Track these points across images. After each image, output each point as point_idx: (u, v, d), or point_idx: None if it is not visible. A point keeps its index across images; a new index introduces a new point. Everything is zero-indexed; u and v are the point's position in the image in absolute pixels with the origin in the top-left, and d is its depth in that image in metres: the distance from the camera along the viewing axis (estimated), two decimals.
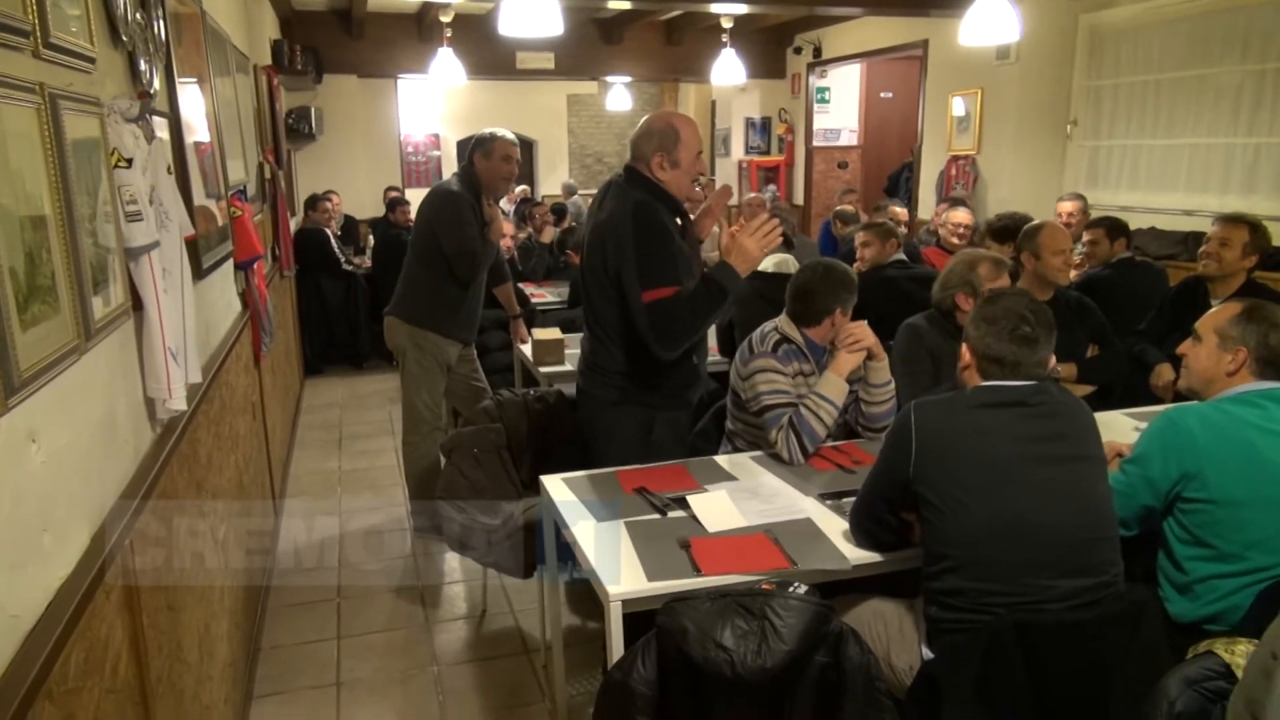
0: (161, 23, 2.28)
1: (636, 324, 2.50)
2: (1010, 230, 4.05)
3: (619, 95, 10.87)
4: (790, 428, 2.53)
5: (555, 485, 2.45)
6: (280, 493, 4.28)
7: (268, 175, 4.93)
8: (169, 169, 2.11)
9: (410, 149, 11.07)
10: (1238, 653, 1.49)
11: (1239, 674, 1.46)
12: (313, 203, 7.12)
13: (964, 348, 2.00)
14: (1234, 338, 2.05)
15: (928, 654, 1.91)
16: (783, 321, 2.72)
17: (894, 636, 2.01)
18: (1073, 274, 3.89)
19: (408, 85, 9.80)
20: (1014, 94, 6.28)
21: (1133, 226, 4.85)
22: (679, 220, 2.64)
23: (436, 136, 11.39)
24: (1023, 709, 1.71)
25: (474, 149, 3.72)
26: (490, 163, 3.67)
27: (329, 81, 8.14)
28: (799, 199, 9.17)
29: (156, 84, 2.17)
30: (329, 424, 5.74)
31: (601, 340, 2.67)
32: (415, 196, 5.91)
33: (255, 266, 3.46)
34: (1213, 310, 2.17)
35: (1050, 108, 6.13)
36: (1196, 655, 1.54)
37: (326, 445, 5.31)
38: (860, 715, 1.66)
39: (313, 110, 7.82)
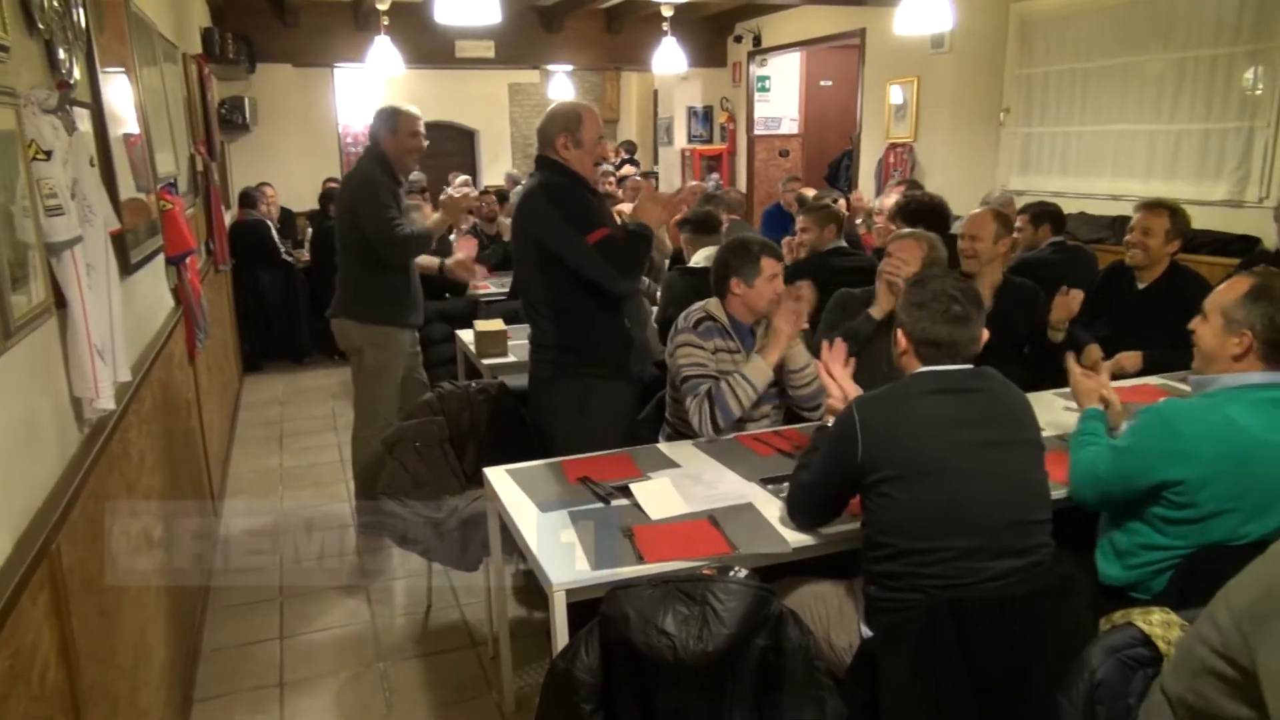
0: (81, 10, 2.21)
1: (588, 269, 2.64)
2: (921, 212, 4.12)
3: (561, 84, 10.78)
4: (706, 398, 2.61)
5: (498, 477, 2.45)
6: (219, 492, 4.19)
7: (200, 167, 4.80)
8: (92, 161, 2.05)
9: (350, 139, 10.86)
10: (1154, 622, 1.54)
11: (1156, 642, 1.52)
12: (248, 196, 6.97)
13: (899, 334, 2.02)
14: (1239, 320, 1.94)
15: (867, 632, 1.96)
16: (710, 301, 2.80)
17: (834, 617, 2.05)
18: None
19: (345, 75, 9.62)
20: (949, 82, 6.39)
21: (1065, 211, 4.98)
22: (594, 197, 2.80)
23: None
24: (958, 682, 1.76)
25: (379, 126, 3.62)
26: (397, 139, 3.58)
27: (263, 71, 7.96)
28: (742, 187, 9.23)
29: (77, 74, 2.10)
30: (269, 421, 5.64)
31: (534, 318, 2.82)
32: None
33: (188, 261, 3.38)
34: (1220, 287, 2.05)
35: (984, 96, 6.26)
36: (1115, 626, 1.59)
37: (267, 443, 5.22)
38: (800, 695, 1.69)
39: (246, 100, 7.64)
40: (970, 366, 1.94)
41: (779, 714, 1.70)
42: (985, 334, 1.99)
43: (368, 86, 10.76)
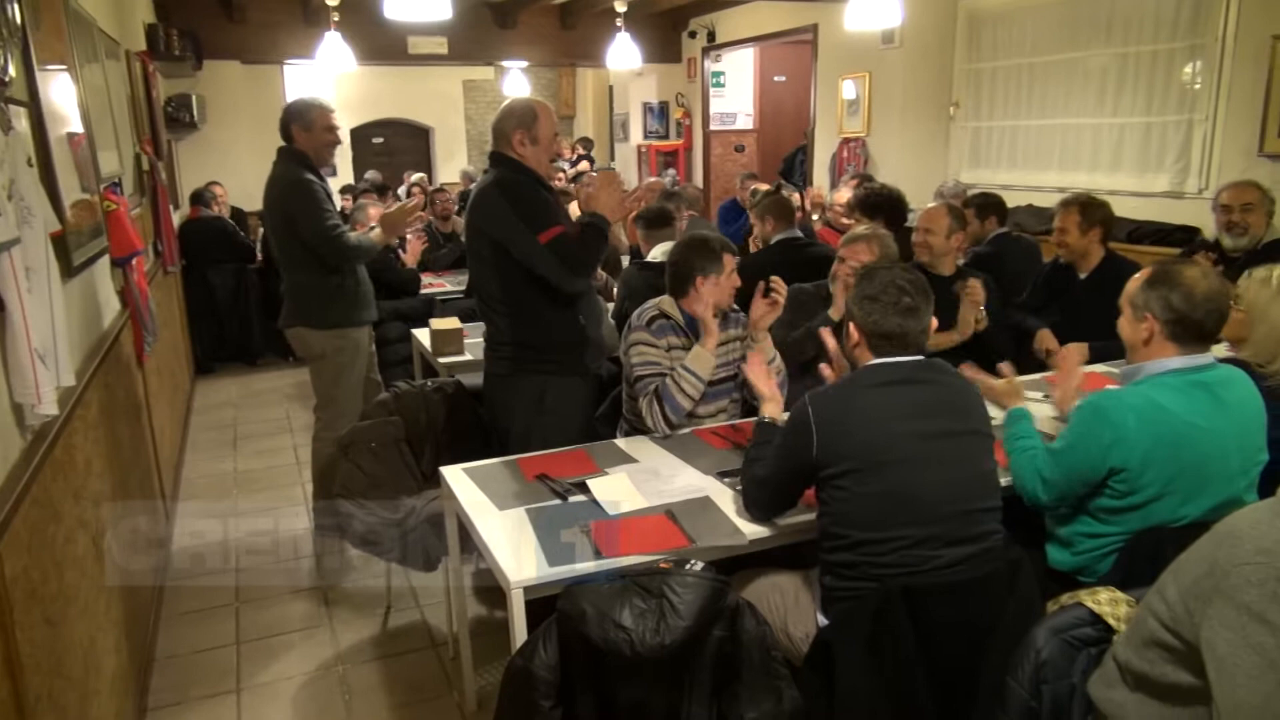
0: (15, 6, 2.15)
1: (541, 268, 2.64)
2: (880, 205, 4.18)
3: (516, 80, 10.74)
4: (655, 396, 2.63)
5: (455, 476, 2.44)
6: (171, 497, 4.12)
7: (146, 167, 4.71)
8: (30, 161, 2.00)
9: None
10: (1101, 600, 1.59)
11: (1105, 618, 1.56)
12: (200, 196, 6.84)
13: (851, 327, 2.05)
14: (1140, 306, 2.01)
15: (823, 621, 1.98)
16: (663, 299, 2.80)
17: (791, 607, 2.08)
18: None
19: (296, 71, 9.49)
20: (900, 77, 6.47)
21: (1012, 204, 5.08)
22: (549, 194, 2.80)
23: None
24: (911, 667, 1.79)
25: (290, 122, 3.49)
26: (313, 134, 3.46)
27: (210, 68, 7.80)
28: (698, 182, 9.26)
29: (12, 71, 2.05)
30: (222, 424, 5.54)
31: (488, 315, 2.82)
32: None
33: (134, 262, 3.31)
34: (1131, 279, 2.10)
35: (934, 90, 6.34)
36: (1063, 607, 1.63)
37: (220, 446, 5.14)
38: (757, 684, 1.72)
39: (194, 98, 7.49)
40: (921, 358, 1.98)
41: (737, 704, 1.72)
42: (934, 324, 2.03)
43: (318, 83, 10.63)
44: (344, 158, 10.88)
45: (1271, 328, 2.21)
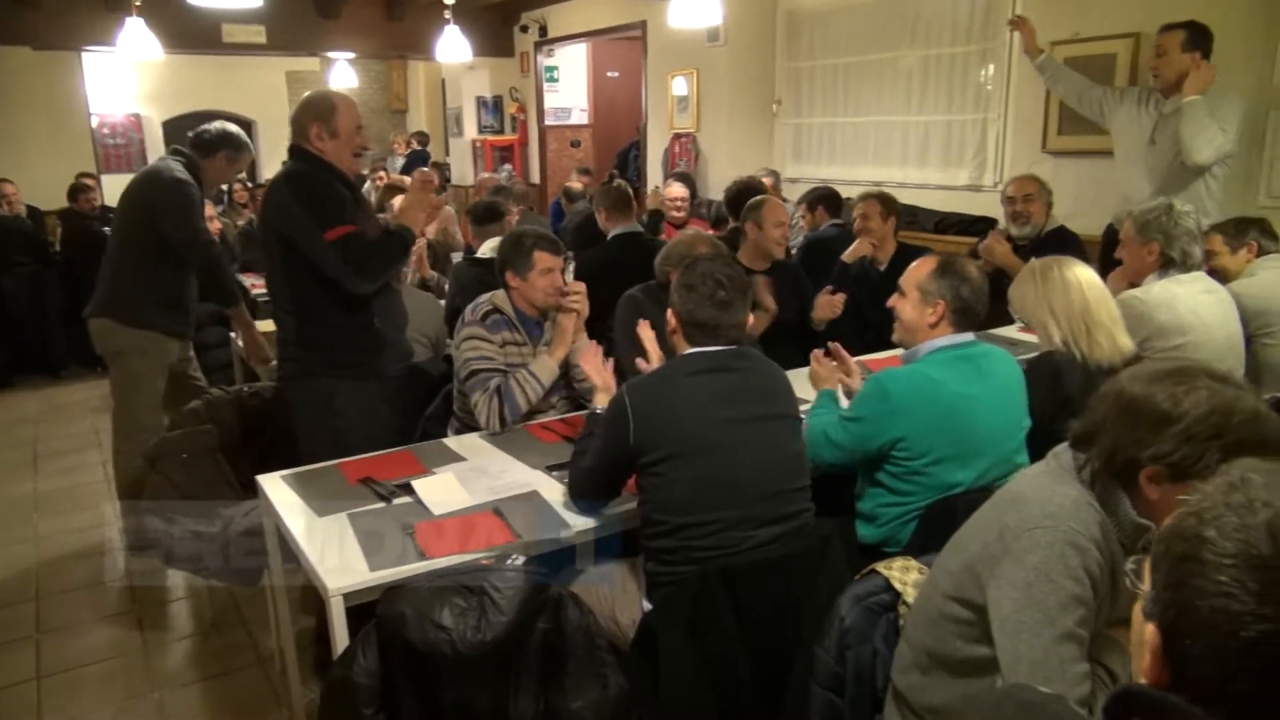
0: None
1: (326, 267, 2.55)
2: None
3: (343, 72, 10.34)
4: (495, 393, 2.62)
5: (273, 484, 2.34)
6: None
7: None
8: None
9: (106, 130, 9.99)
10: (894, 568, 1.70)
11: (895, 584, 1.68)
12: None
13: (670, 314, 2.12)
14: (933, 292, 2.18)
15: (648, 606, 2.03)
16: (497, 294, 2.80)
17: (618, 594, 2.12)
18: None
19: (97, 59, 8.79)
20: (726, 75, 6.67)
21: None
22: (349, 191, 2.71)
23: (138, 117, 10.35)
24: (731, 644, 1.86)
25: (209, 148, 3.46)
26: (228, 167, 3.53)
27: None
28: (535, 178, 9.24)
29: None
30: (21, 442, 5.09)
31: (278, 315, 2.73)
32: (115, 183, 5.36)
33: None
34: (913, 266, 2.28)
35: (758, 88, 6.57)
36: (863, 576, 1.74)
37: (19, 466, 4.72)
38: (583, 673, 1.74)
39: None
40: (734, 347, 2.06)
41: (563, 694, 1.74)
42: (751, 318, 2.12)
43: (123, 73, 9.91)
44: (156, 153, 10.19)
45: (1036, 311, 2.44)
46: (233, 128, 3.53)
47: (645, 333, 2.48)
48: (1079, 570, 1.33)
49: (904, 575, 1.68)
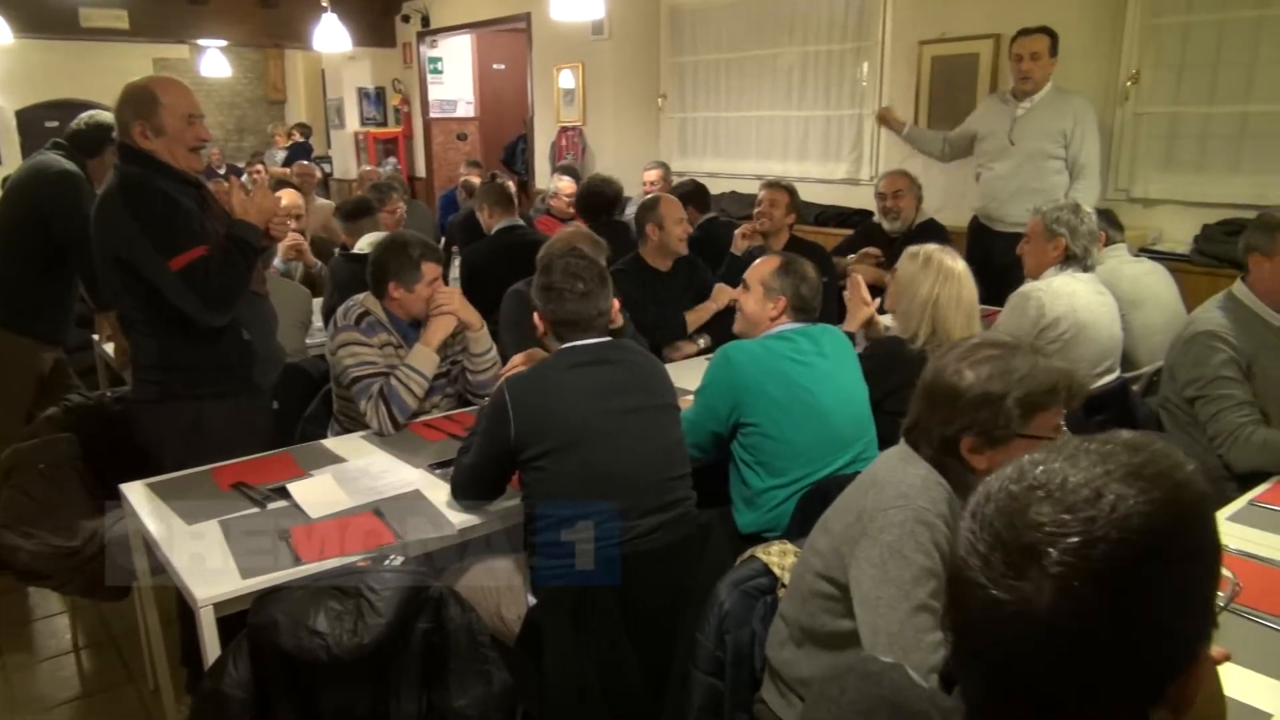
0: None
1: (173, 298, 2.35)
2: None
3: (215, 61, 9.93)
4: (380, 397, 2.54)
5: (138, 493, 2.24)
6: None
7: None
8: None
9: None
10: (772, 552, 1.76)
11: (772, 569, 1.73)
12: None
13: (536, 317, 2.14)
14: (775, 288, 2.36)
15: (533, 601, 2.04)
16: (367, 296, 2.71)
17: (504, 590, 2.12)
18: None
19: None
20: (610, 68, 6.69)
21: (716, 191, 5.43)
22: (198, 190, 2.51)
23: None
24: (615, 635, 1.88)
25: (94, 146, 3.24)
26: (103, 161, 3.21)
27: None
28: (420, 171, 9.06)
29: None
30: None
31: (130, 334, 2.50)
32: None
33: None
34: (756, 263, 2.47)
35: (643, 82, 6.61)
36: (742, 561, 1.79)
37: None
38: (466, 672, 1.73)
39: None
40: (608, 339, 2.08)
41: (446, 693, 1.72)
42: (616, 305, 2.15)
43: None
44: (10, 144, 9.56)
45: (914, 298, 2.54)
46: (105, 117, 3.26)
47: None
48: (929, 545, 1.40)
49: (781, 559, 1.73)
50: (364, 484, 2.26)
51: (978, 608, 0.69)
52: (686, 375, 2.74)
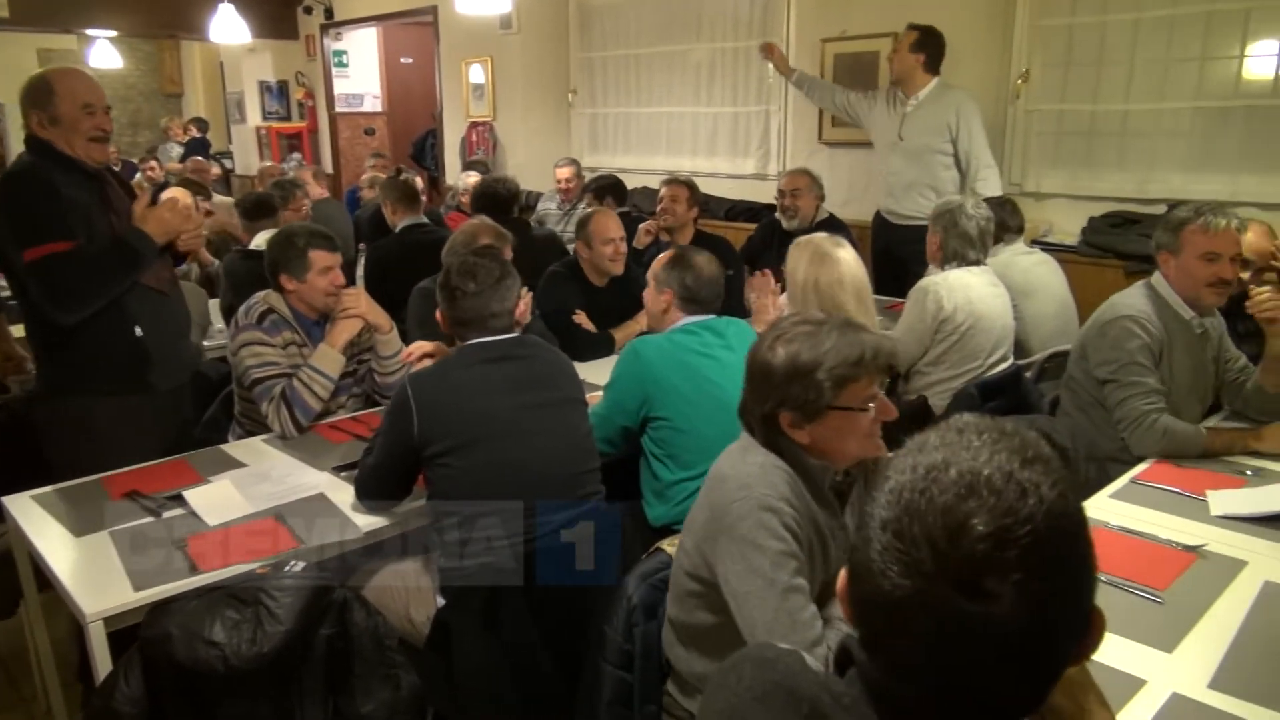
0: None
1: (31, 292, 2.33)
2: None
3: (105, 52, 9.49)
4: (282, 399, 2.48)
5: (22, 505, 2.13)
6: None
7: None
8: None
9: None
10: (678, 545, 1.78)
11: None
12: None
13: (439, 315, 2.12)
14: (663, 281, 2.40)
15: (442, 601, 2.02)
16: (269, 293, 2.65)
17: (412, 592, 2.09)
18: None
19: None
20: (519, 63, 6.63)
21: (630, 186, 5.45)
22: (91, 183, 2.45)
23: None
24: (525, 632, 1.88)
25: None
26: None
27: None
28: (328, 166, 8.84)
29: None
30: None
31: (27, 325, 2.50)
32: None
33: None
34: (657, 259, 2.50)
35: (553, 77, 6.58)
36: (649, 554, 1.80)
37: None
38: (372, 676, 1.70)
39: None
40: (514, 335, 2.07)
41: (352, 699, 1.70)
42: (525, 303, 2.14)
43: None
44: None
45: (794, 283, 2.60)
46: None
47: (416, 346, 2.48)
48: (779, 529, 1.44)
49: None
50: (265, 489, 2.20)
51: (930, 628, 0.68)
52: (595, 372, 2.75)
